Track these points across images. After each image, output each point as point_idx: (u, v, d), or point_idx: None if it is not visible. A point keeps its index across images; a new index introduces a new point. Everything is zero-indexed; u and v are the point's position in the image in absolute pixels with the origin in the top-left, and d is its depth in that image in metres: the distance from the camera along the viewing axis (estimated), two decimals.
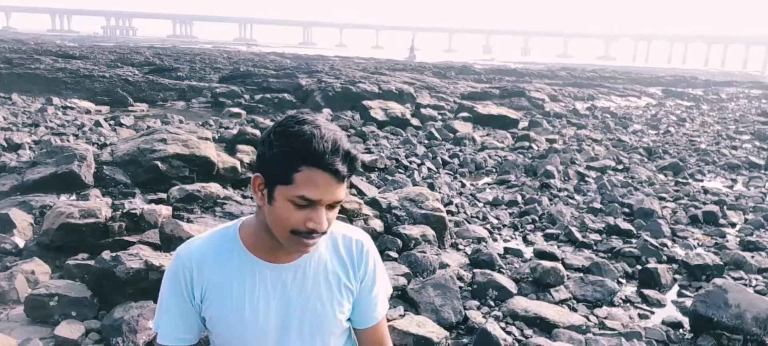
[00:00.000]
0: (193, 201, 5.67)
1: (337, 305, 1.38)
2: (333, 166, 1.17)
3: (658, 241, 5.71)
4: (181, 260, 1.32)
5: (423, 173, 8.58)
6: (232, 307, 1.31)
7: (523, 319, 3.92)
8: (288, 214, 1.20)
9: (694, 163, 10.23)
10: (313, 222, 1.20)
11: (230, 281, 1.31)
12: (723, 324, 3.71)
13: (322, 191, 1.18)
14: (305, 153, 1.16)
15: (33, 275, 3.97)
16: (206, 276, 1.31)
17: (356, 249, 1.42)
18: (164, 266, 3.71)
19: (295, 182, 1.17)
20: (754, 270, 5.12)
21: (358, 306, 1.44)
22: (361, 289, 1.43)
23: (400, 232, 5.16)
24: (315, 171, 1.17)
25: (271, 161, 1.20)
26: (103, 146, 8.75)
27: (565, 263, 5.02)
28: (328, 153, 1.16)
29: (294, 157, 1.17)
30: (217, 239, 1.36)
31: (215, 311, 1.32)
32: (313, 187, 1.17)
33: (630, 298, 4.50)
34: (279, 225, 1.23)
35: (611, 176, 8.78)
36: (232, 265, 1.32)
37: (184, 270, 1.31)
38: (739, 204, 7.40)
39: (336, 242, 1.41)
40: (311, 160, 1.16)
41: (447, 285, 4.06)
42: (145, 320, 3.40)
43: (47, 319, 3.51)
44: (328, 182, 1.18)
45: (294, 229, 1.21)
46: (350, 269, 1.41)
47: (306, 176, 1.17)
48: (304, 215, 1.20)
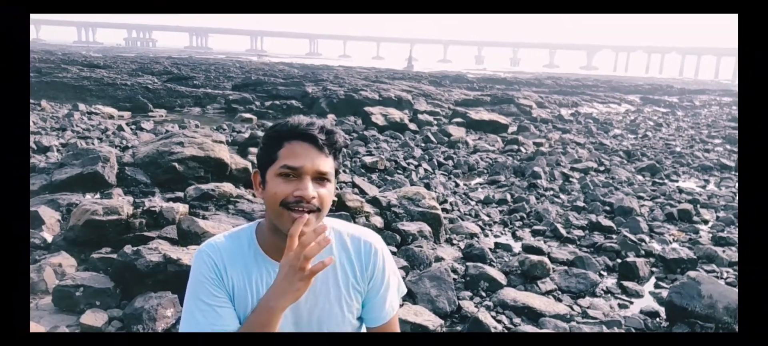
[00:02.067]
0: (208, 199, 5.66)
1: (346, 304, 1.35)
2: (309, 133, 1.23)
3: (637, 237, 5.71)
4: (209, 255, 1.29)
5: (420, 174, 8.58)
6: (249, 305, 1.28)
7: (512, 308, 3.92)
8: (276, 188, 1.22)
9: (670, 165, 10.23)
10: (300, 191, 1.20)
11: (248, 280, 1.29)
12: (696, 313, 3.71)
13: (302, 159, 1.21)
14: (285, 130, 1.25)
15: (60, 267, 3.97)
16: (229, 274, 1.28)
17: (365, 249, 1.39)
18: (182, 260, 3.70)
19: (279, 156, 1.23)
20: (725, 263, 5.12)
21: (368, 305, 1.41)
22: (369, 288, 1.39)
23: (399, 228, 5.16)
24: (294, 143, 1.23)
25: (261, 151, 1.28)
26: (125, 149, 8.76)
27: (551, 257, 5.02)
28: (303, 125, 1.24)
29: (277, 138, 1.25)
30: (236, 240, 1.33)
31: (236, 309, 1.29)
32: (293, 156, 1.22)
33: (611, 289, 4.50)
34: (271, 203, 1.23)
35: (593, 177, 8.78)
36: (249, 265, 1.30)
37: (216, 266, 1.28)
38: (711, 203, 7.40)
39: (345, 242, 1.38)
40: (290, 134, 1.24)
41: (442, 277, 4.06)
42: (164, 309, 3.40)
43: (73, 308, 3.51)
44: (308, 150, 1.22)
45: (283, 200, 1.21)
46: (358, 269, 1.38)
47: (287, 149, 1.23)
48: (292, 186, 1.21)
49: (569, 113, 19.44)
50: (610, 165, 9.91)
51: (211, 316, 1.24)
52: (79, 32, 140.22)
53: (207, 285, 1.26)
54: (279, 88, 19.06)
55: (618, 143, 12.88)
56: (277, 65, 35.53)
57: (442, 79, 31.13)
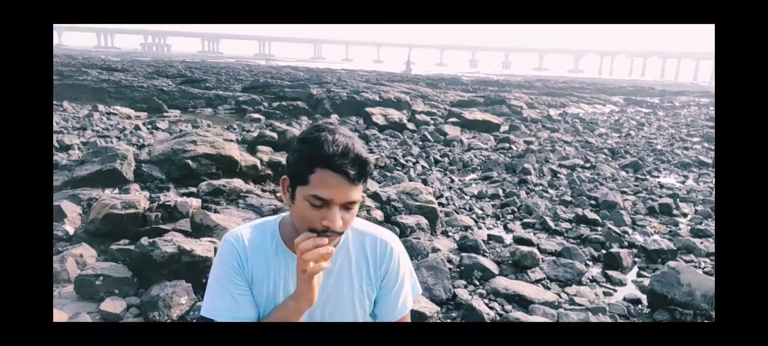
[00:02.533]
0: (219, 194, 5.66)
1: (358, 299, 1.34)
2: (343, 168, 1.13)
3: (620, 229, 5.71)
4: (233, 246, 1.28)
5: (417, 170, 8.58)
6: (267, 294, 1.28)
7: (504, 296, 3.93)
8: (305, 212, 1.17)
9: (652, 162, 10.23)
10: (328, 220, 1.15)
11: (268, 270, 1.28)
12: (676, 301, 3.72)
13: (334, 191, 1.14)
14: (318, 156, 1.14)
15: (81, 258, 3.98)
16: (251, 263, 1.28)
17: (380, 249, 1.36)
18: (195, 251, 3.71)
19: (311, 182, 1.15)
20: (702, 254, 5.13)
21: (380, 302, 1.39)
22: (382, 286, 1.37)
23: (398, 221, 5.16)
24: (327, 172, 1.14)
25: (293, 164, 1.19)
26: (142, 147, 8.75)
27: (540, 248, 5.02)
28: (338, 156, 1.13)
29: (309, 160, 1.15)
30: (260, 231, 1.32)
31: (255, 296, 1.29)
32: (325, 187, 1.14)
33: (596, 278, 4.50)
34: (299, 222, 1.20)
35: (580, 173, 8.78)
36: (270, 256, 1.29)
37: (238, 255, 1.27)
38: (690, 197, 7.40)
39: (363, 240, 1.36)
40: (323, 162, 1.13)
41: (438, 267, 4.06)
42: (178, 297, 3.40)
43: (94, 296, 3.52)
44: (340, 183, 1.14)
45: (311, 227, 1.17)
46: (372, 267, 1.36)
47: (319, 177, 1.14)
48: (320, 214, 1.16)
49: (557, 113, 19.42)
50: (595, 162, 9.90)
51: (229, 302, 1.25)
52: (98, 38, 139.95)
53: (229, 273, 1.26)
54: (286, 90, 19.02)
55: (603, 142, 12.88)
56: (283, 68, 35.47)
57: (438, 81, 31.08)
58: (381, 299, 1.39)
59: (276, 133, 9.63)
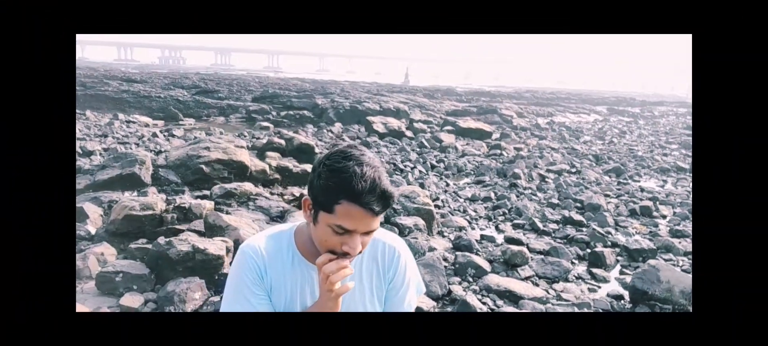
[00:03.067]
0: (230, 197, 5.67)
1: (369, 302, 1.33)
2: (369, 205, 1.09)
3: (604, 229, 5.71)
4: (252, 258, 1.25)
5: (415, 175, 8.58)
6: (285, 302, 1.27)
7: (496, 292, 3.92)
8: (327, 237, 1.15)
9: (633, 168, 10.23)
10: (349, 246, 1.14)
11: (285, 278, 1.27)
12: (656, 296, 3.71)
13: (357, 223, 1.12)
14: (346, 190, 1.09)
15: (102, 256, 3.97)
16: (269, 274, 1.26)
17: (389, 254, 1.36)
18: (208, 249, 3.71)
19: (336, 212, 1.11)
20: (680, 253, 5.12)
21: (388, 302, 1.38)
22: (390, 288, 1.37)
23: (397, 222, 5.16)
24: (353, 206, 1.09)
25: (318, 190, 1.13)
26: (159, 153, 8.75)
27: (529, 248, 5.02)
28: (365, 193, 1.08)
29: (337, 191, 1.10)
30: (276, 241, 1.30)
31: (272, 304, 1.27)
32: (350, 219, 1.11)
33: (581, 275, 4.50)
34: (319, 243, 1.19)
35: (566, 178, 8.78)
36: (287, 267, 1.27)
37: (257, 265, 1.25)
38: (668, 200, 7.40)
39: (374, 246, 1.35)
40: (351, 196, 1.09)
41: (435, 265, 4.06)
42: (192, 292, 3.40)
43: (113, 291, 3.52)
44: (364, 216, 1.11)
45: (332, 250, 1.16)
46: (381, 271, 1.35)
47: (345, 209, 1.10)
48: (341, 240, 1.14)
49: (545, 122, 19.42)
50: (580, 167, 9.90)
51: (247, 309, 1.23)
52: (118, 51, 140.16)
53: (248, 283, 1.24)
54: (293, 100, 19.04)
55: (587, 148, 12.88)
56: (290, 80, 35.49)
57: (434, 92, 31.09)
58: (388, 299, 1.38)
59: (284, 140, 9.64)
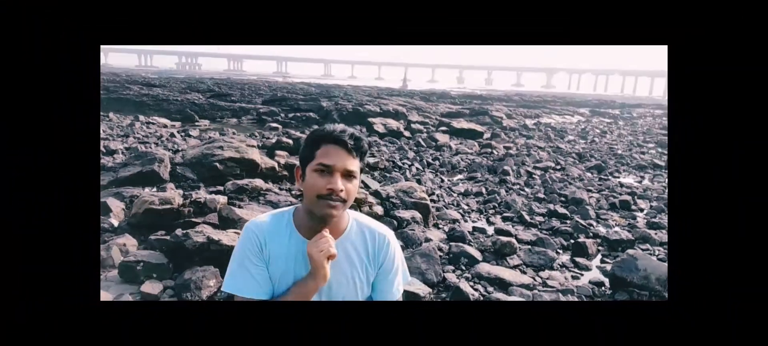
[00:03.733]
0: (242, 192, 5.67)
1: (358, 282, 1.35)
2: (341, 139, 1.23)
3: (586, 222, 5.71)
4: (254, 232, 1.30)
5: (412, 172, 8.58)
6: (282, 271, 1.30)
7: (487, 279, 3.92)
8: (314, 181, 1.22)
9: (613, 165, 10.23)
10: (331, 185, 1.21)
11: (282, 253, 1.30)
12: (634, 283, 3.71)
13: (334, 159, 1.22)
14: (322, 135, 1.25)
15: (124, 246, 3.98)
16: (269, 246, 1.30)
17: (378, 241, 1.38)
18: (222, 241, 3.71)
19: (316, 156, 1.23)
20: (657, 243, 5.12)
21: (377, 287, 1.39)
22: (379, 273, 1.38)
23: (396, 215, 5.16)
24: (329, 146, 1.23)
25: (303, 151, 1.28)
26: (176, 152, 8.74)
27: (517, 239, 5.02)
28: (336, 132, 1.24)
29: (315, 140, 1.26)
30: (277, 219, 1.34)
31: (270, 273, 1.30)
32: (327, 156, 1.22)
33: (565, 264, 4.50)
34: (308, 193, 1.24)
35: (552, 174, 8.78)
36: (285, 240, 1.30)
37: (258, 239, 1.29)
38: (646, 195, 7.40)
39: (364, 232, 1.37)
40: (326, 138, 1.24)
41: (430, 255, 4.06)
42: (207, 280, 3.40)
43: (135, 279, 3.52)
44: (339, 152, 1.23)
45: (318, 193, 1.22)
46: (371, 255, 1.37)
47: (323, 150, 1.23)
48: (325, 181, 1.21)
49: (532, 123, 19.41)
50: (565, 164, 9.90)
51: (248, 279, 1.28)
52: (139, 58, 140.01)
53: (249, 255, 1.29)
54: (300, 103, 19.02)
55: (571, 147, 12.87)
56: (298, 84, 35.45)
57: (430, 95, 31.06)
58: (378, 283, 1.39)
59: (291, 139, 9.65)
